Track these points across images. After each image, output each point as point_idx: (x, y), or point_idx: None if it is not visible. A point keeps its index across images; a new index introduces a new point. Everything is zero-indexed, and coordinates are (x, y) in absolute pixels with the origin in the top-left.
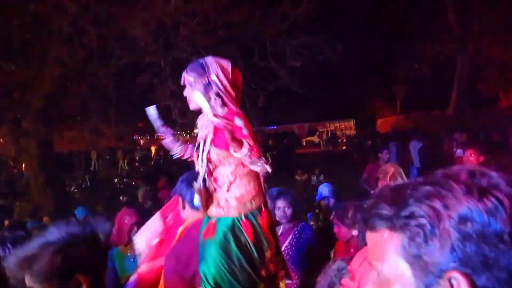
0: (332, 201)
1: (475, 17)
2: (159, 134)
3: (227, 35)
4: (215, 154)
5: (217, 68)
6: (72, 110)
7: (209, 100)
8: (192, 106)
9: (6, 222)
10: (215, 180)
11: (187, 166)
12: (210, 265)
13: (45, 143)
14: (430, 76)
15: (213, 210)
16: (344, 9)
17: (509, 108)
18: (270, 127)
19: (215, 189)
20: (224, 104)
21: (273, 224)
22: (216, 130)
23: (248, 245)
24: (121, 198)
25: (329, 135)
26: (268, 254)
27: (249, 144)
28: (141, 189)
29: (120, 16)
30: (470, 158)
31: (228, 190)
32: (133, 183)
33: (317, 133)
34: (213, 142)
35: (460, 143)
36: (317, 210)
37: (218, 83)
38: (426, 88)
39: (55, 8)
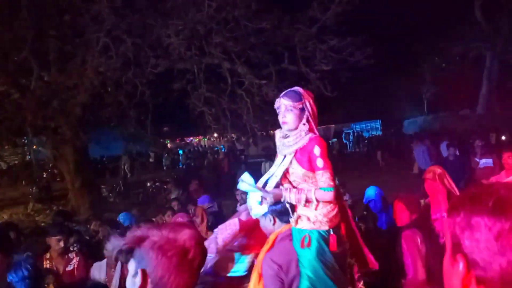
0: (379, 204)
1: (503, 13)
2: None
3: (257, 41)
4: (301, 172)
5: (308, 97)
6: (109, 117)
7: (300, 123)
8: (287, 127)
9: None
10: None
11: (216, 170)
12: (309, 269)
13: (82, 149)
14: (458, 75)
15: (305, 224)
16: (372, 11)
17: None
18: None
19: (305, 205)
20: (310, 129)
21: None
22: (303, 150)
23: (333, 253)
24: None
25: (355, 137)
26: (347, 259)
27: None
28: (174, 192)
29: (155, 25)
30: (509, 160)
31: (316, 208)
32: (165, 187)
33: (343, 134)
34: (298, 161)
35: (485, 151)
36: (365, 212)
37: (310, 110)
38: (454, 88)
39: (91, 19)
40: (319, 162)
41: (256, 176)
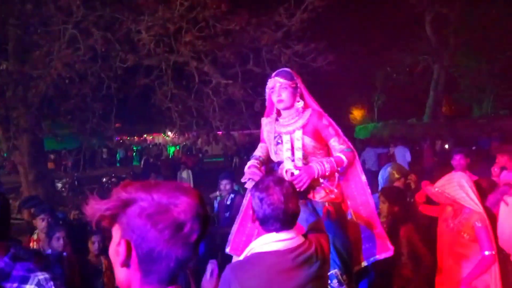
0: None
1: (450, 29)
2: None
3: (225, 41)
4: (311, 145)
5: (298, 76)
6: (71, 109)
7: (295, 101)
8: (283, 105)
9: None
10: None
11: (174, 165)
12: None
13: (37, 141)
14: (407, 85)
15: (323, 196)
16: (333, 19)
17: (480, 117)
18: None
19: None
20: (305, 105)
21: None
22: (308, 124)
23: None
24: None
25: None
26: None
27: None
28: None
29: (125, 20)
30: (461, 161)
31: (335, 180)
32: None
33: None
34: (308, 135)
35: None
36: None
37: (303, 88)
38: (403, 97)
39: (57, 9)
40: (331, 130)
41: (210, 175)
